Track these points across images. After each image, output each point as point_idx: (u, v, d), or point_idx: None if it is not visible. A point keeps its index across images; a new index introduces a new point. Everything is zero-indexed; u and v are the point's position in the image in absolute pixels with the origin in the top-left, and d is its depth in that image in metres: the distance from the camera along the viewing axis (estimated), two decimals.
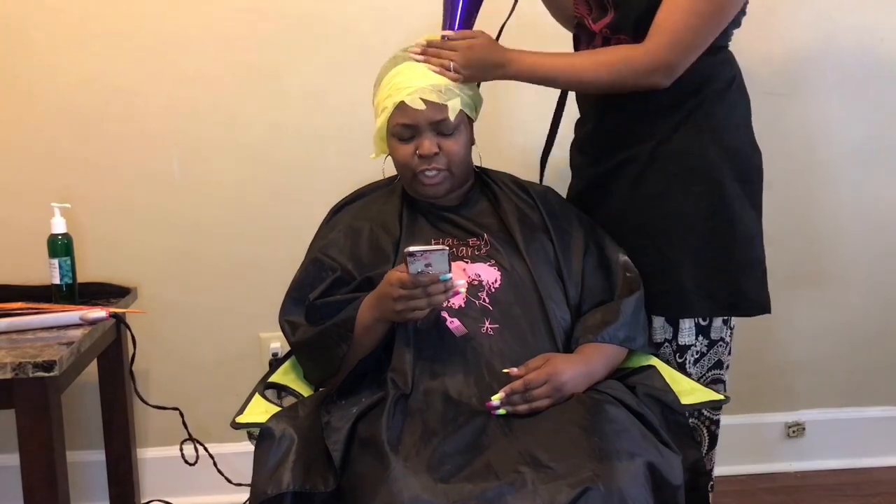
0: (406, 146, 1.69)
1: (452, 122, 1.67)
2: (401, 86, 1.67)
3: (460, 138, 1.70)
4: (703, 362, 1.84)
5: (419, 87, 1.66)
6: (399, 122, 1.68)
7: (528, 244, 1.71)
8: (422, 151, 1.68)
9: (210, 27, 2.29)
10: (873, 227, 2.52)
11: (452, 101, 1.67)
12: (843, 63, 2.44)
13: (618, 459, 1.35)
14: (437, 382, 1.55)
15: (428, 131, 1.68)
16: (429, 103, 1.66)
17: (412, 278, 1.49)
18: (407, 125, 1.67)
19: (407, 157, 1.70)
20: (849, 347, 2.58)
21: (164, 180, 2.34)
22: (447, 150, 1.69)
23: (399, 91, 1.67)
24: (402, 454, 1.40)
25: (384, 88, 1.71)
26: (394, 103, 1.67)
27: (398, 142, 1.70)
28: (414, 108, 1.65)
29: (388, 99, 1.68)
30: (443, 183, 1.72)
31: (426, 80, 1.67)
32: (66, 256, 2.06)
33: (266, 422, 1.52)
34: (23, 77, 2.28)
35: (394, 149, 1.72)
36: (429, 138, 1.67)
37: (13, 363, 1.67)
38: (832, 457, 2.60)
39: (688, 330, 1.81)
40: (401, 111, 1.67)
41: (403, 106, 1.66)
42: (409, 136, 1.69)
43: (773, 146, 2.46)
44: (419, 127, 1.67)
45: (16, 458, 1.75)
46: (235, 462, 2.37)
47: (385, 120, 1.70)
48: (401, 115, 1.67)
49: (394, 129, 1.70)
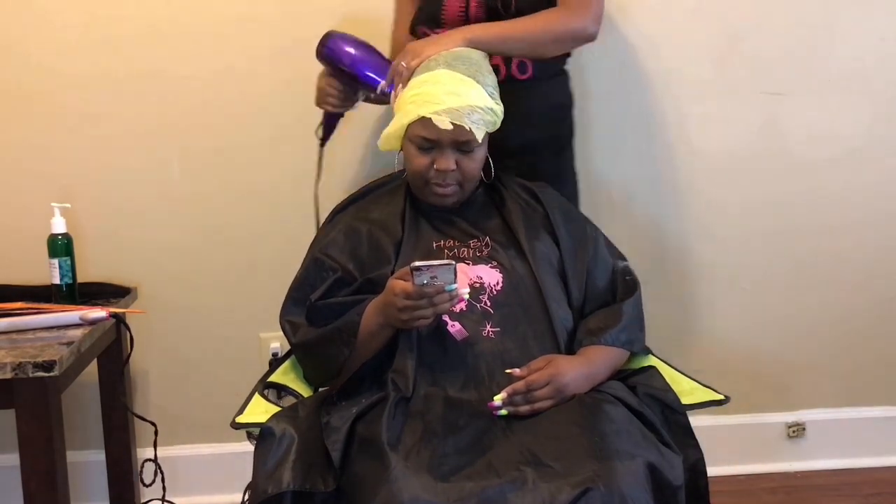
0: (424, 157, 1.68)
1: (474, 140, 1.66)
2: (430, 98, 1.64)
3: (478, 156, 1.70)
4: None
5: (451, 107, 1.62)
6: (422, 134, 1.66)
7: (532, 245, 1.71)
8: (439, 167, 1.67)
9: (210, 28, 2.29)
10: (873, 226, 2.52)
11: (478, 128, 1.64)
12: (843, 63, 2.44)
13: (618, 459, 1.35)
14: (439, 386, 1.55)
15: (448, 148, 1.67)
16: (456, 126, 1.63)
17: (417, 290, 1.49)
18: (429, 139, 1.66)
19: (423, 168, 1.69)
20: (849, 347, 2.58)
21: (164, 180, 2.34)
22: (463, 167, 1.69)
23: (427, 104, 1.63)
24: (402, 454, 1.40)
25: (411, 89, 1.68)
26: (419, 115, 1.64)
27: (416, 149, 1.69)
28: (441, 127, 1.63)
29: (414, 106, 1.65)
30: (453, 195, 1.72)
31: (458, 101, 1.63)
32: (66, 256, 2.06)
33: (266, 421, 1.52)
34: (22, 77, 2.28)
35: (410, 154, 1.71)
36: (449, 155, 1.67)
37: (13, 363, 1.67)
38: (832, 457, 2.60)
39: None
40: (425, 124, 1.65)
41: (429, 121, 1.64)
42: (429, 148, 1.67)
43: (773, 146, 2.47)
44: (441, 143, 1.66)
45: (16, 458, 1.75)
46: (235, 462, 2.37)
47: (406, 123, 1.67)
48: (424, 129, 1.65)
49: (413, 138, 1.68)
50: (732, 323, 2.54)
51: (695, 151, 2.43)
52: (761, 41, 2.40)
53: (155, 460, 2.12)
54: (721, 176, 2.46)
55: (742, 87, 2.42)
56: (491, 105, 1.67)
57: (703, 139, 2.44)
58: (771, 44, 2.40)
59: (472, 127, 1.63)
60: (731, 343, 2.54)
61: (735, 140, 2.44)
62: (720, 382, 1.73)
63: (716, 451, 1.89)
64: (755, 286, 2.53)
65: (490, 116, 1.67)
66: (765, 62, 2.41)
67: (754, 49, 2.40)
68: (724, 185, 2.46)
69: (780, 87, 2.43)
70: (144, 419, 2.14)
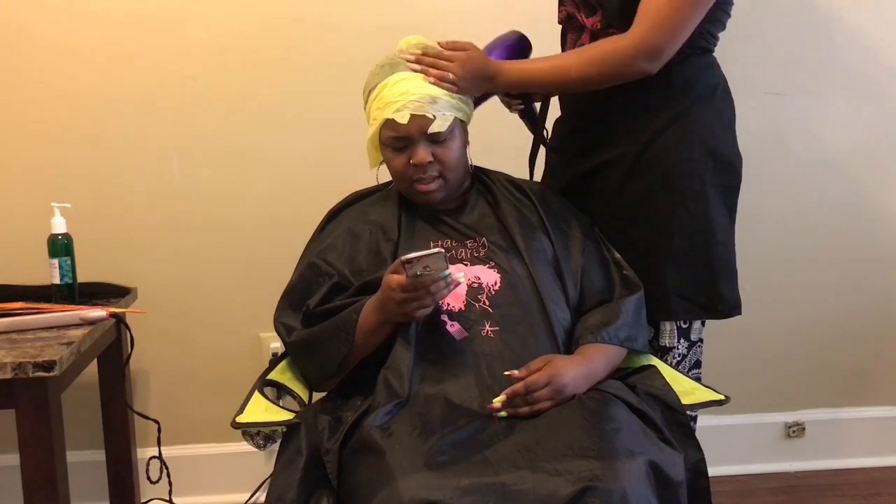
0: (400, 157, 1.69)
1: (444, 131, 1.67)
2: (389, 99, 1.66)
3: (453, 144, 1.70)
4: (684, 364, 1.86)
5: (408, 100, 1.64)
6: (391, 135, 1.68)
7: (528, 244, 1.71)
8: (415, 161, 1.67)
9: (210, 28, 2.29)
10: (873, 226, 2.52)
11: (442, 116, 1.66)
12: (843, 63, 2.44)
13: (619, 458, 1.34)
14: (438, 387, 1.55)
15: (421, 141, 1.67)
16: (418, 116, 1.65)
17: (412, 281, 1.49)
18: (399, 137, 1.67)
19: (401, 168, 1.70)
20: (848, 348, 2.58)
21: (164, 180, 2.35)
22: (440, 157, 1.68)
23: (388, 105, 1.66)
24: (400, 452, 1.40)
25: (374, 100, 1.69)
26: (384, 118, 1.66)
27: (392, 152, 1.70)
28: (399, 121, 1.65)
29: (378, 111, 1.68)
30: (439, 189, 1.72)
31: (416, 92, 1.65)
32: (66, 256, 2.06)
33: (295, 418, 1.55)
34: (23, 77, 2.28)
35: (388, 159, 1.72)
36: (422, 148, 1.67)
37: (13, 363, 1.67)
38: (832, 457, 2.60)
39: (668, 332, 1.84)
40: (391, 125, 1.67)
41: (393, 121, 1.66)
42: (403, 147, 1.68)
43: (774, 146, 2.47)
44: (411, 138, 1.67)
45: (16, 458, 1.75)
46: (235, 462, 2.37)
47: (376, 130, 1.70)
48: (391, 130, 1.67)
49: (386, 142, 1.70)
50: (733, 323, 2.54)
51: None
52: (762, 41, 2.40)
53: (160, 457, 2.13)
54: None
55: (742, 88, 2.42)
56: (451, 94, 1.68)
57: None
58: (771, 44, 2.40)
59: (436, 114, 1.65)
60: (731, 343, 2.54)
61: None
62: (720, 382, 1.73)
63: (716, 451, 1.89)
64: (755, 286, 2.53)
65: (455, 101, 1.68)
66: (765, 62, 2.41)
67: (755, 49, 2.40)
68: None
69: (781, 88, 2.43)
70: (147, 417, 2.14)
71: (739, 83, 2.40)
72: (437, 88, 1.67)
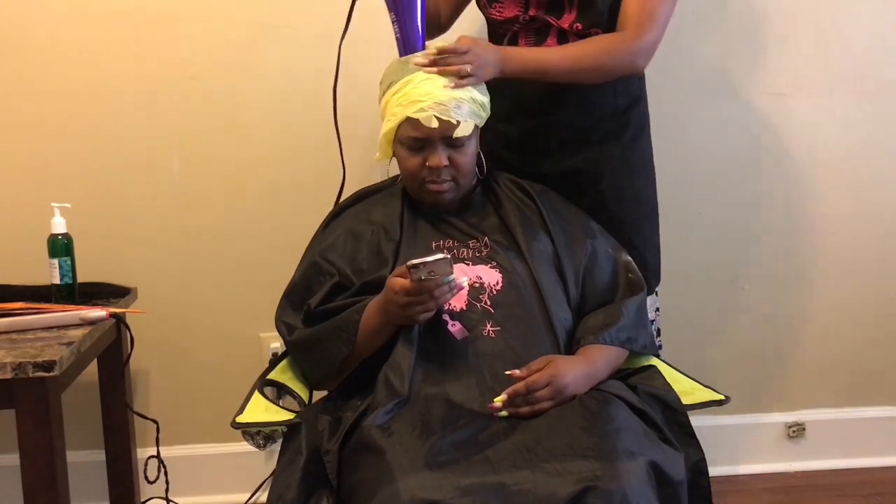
0: (415, 157, 1.69)
1: (466, 136, 1.67)
2: (414, 98, 1.64)
3: (469, 149, 1.70)
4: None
5: (433, 101, 1.63)
6: (411, 135, 1.67)
7: (530, 245, 1.71)
8: (431, 164, 1.67)
9: (209, 28, 2.29)
10: (873, 226, 2.52)
11: (465, 122, 1.65)
12: (844, 63, 2.44)
13: (619, 459, 1.34)
14: (439, 387, 1.55)
15: (440, 144, 1.67)
16: (442, 121, 1.64)
17: (416, 285, 1.49)
18: (419, 138, 1.67)
19: (415, 168, 1.69)
20: (849, 348, 2.58)
21: (164, 180, 2.34)
22: (456, 162, 1.69)
23: (413, 104, 1.64)
24: (400, 452, 1.40)
25: (396, 95, 1.67)
26: (406, 115, 1.65)
27: (407, 151, 1.69)
28: (428, 125, 1.64)
29: (400, 108, 1.66)
30: (449, 192, 1.72)
31: (441, 96, 1.63)
32: (66, 256, 2.06)
33: (295, 418, 1.56)
34: (23, 77, 2.28)
35: (402, 157, 1.71)
36: (439, 152, 1.67)
37: (13, 363, 1.67)
38: (832, 457, 2.60)
39: (651, 306, 1.95)
40: (413, 124, 1.65)
41: (416, 121, 1.64)
42: (420, 147, 1.68)
43: (774, 146, 2.47)
44: (432, 140, 1.66)
45: (16, 458, 1.75)
46: (235, 462, 2.37)
47: (394, 126, 1.68)
48: (412, 129, 1.66)
49: (403, 140, 1.69)
50: (733, 323, 2.54)
51: (694, 152, 2.43)
52: (762, 41, 2.40)
53: (158, 457, 2.12)
54: (721, 176, 2.46)
55: (742, 88, 2.42)
56: (477, 97, 1.67)
57: (703, 139, 2.44)
58: (771, 44, 2.40)
59: (460, 120, 1.64)
60: (732, 343, 2.54)
61: (735, 140, 2.45)
62: (720, 382, 1.73)
63: (716, 451, 1.89)
64: (755, 286, 2.53)
65: (477, 108, 1.68)
66: (765, 62, 2.41)
67: (755, 49, 2.40)
68: (724, 185, 2.47)
69: (780, 88, 2.43)
70: (146, 417, 2.14)
71: (739, 83, 2.43)
72: (463, 92, 1.65)
